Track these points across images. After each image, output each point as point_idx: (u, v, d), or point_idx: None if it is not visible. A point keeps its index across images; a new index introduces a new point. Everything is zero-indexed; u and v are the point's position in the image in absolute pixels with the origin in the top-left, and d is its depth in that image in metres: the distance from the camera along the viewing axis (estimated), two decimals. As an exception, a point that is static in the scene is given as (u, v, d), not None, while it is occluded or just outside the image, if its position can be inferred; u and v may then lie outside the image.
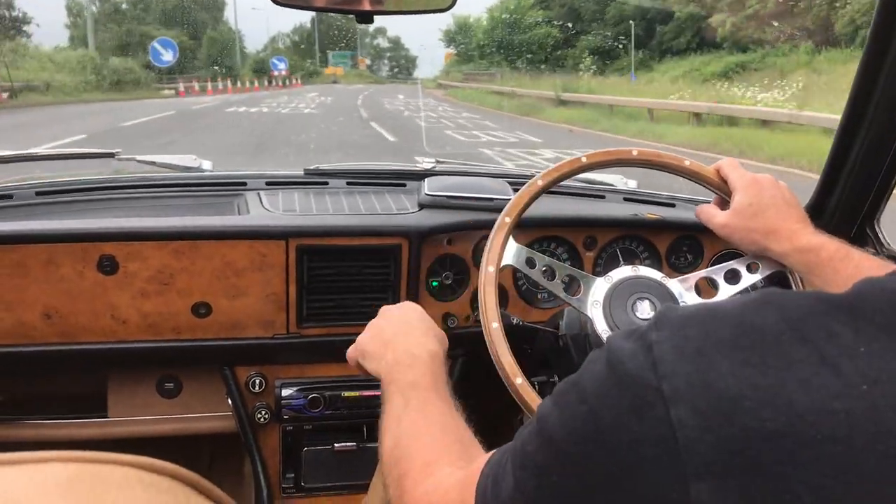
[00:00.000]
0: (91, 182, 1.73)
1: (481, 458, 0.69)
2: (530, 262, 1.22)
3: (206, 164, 1.87)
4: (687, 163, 1.23)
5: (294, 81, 49.42)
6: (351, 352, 1.06)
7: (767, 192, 1.14)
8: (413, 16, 1.36)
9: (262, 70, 49.92)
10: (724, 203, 1.20)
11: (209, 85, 35.55)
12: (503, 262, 1.19)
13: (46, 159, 1.87)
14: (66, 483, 0.39)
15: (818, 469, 0.46)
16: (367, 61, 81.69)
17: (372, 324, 1.07)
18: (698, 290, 1.22)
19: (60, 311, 1.45)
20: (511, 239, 1.21)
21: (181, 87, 33.03)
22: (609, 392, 0.55)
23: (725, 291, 1.21)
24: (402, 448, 0.84)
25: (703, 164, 1.23)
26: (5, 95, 21.71)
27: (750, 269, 1.20)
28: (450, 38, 55.89)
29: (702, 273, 1.23)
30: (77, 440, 1.67)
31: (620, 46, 37.91)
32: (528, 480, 0.60)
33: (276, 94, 34.19)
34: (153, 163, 1.85)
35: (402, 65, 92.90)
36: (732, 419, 0.48)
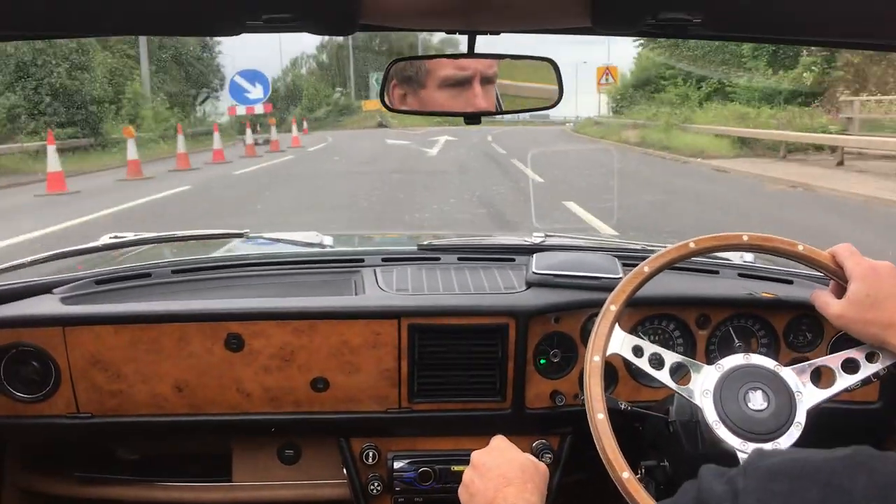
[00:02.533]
0: (222, 259, 1.87)
1: None
2: (637, 351, 1.22)
3: (328, 240, 1.98)
4: (800, 247, 1.21)
5: (301, 130, 25.76)
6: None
7: (887, 282, 1.10)
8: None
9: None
10: (840, 289, 1.17)
11: None
12: (609, 351, 1.20)
13: (183, 240, 2.03)
14: None
15: None
16: (432, 89, 56.98)
17: (469, 480, 1.09)
18: (815, 378, 1.18)
19: (190, 384, 1.56)
20: (617, 326, 1.21)
21: None
22: None
23: (844, 381, 1.17)
24: None
25: (817, 248, 1.21)
26: None
27: (869, 358, 1.16)
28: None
29: (818, 361, 1.20)
30: (203, 502, 1.77)
31: None
32: None
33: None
34: (279, 240, 1.98)
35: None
36: None
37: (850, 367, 1.17)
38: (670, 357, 1.21)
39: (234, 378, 1.56)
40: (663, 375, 1.20)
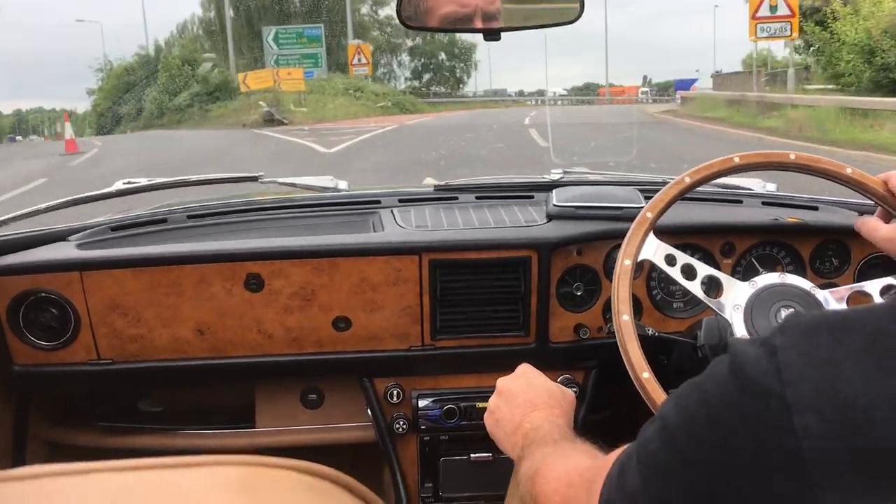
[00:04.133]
0: (237, 204, 1.84)
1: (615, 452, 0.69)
2: (670, 260, 1.20)
3: (343, 184, 1.95)
4: (849, 171, 1.17)
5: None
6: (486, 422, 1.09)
7: None
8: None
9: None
10: (887, 216, 1.14)
11: None
12: (641, 256, 1.18)
13: (197, 184, 2.01)
14: (241, 484, 0.44)
15: None
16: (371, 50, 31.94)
17: (496, 406, 1.07)
18: (850, 303, 1.16)
19: (211, 326, 1.55)
20: (651, 234, 1.19)
21: None
22: (730, 397, 0.53)
23: None
24: (540, 468, 0.86)
25: (866, 173, 1.17)
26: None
27: None
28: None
29: (856, 286, 1.18)
30: (227, 449, 1.77)
31: None
32: (654, 480, 0.59)
33: None
34: (294, 184, 1.95)
35: (445, 70, 44.58)
36: (862, 429, 0.45)
37: (889, 293, 1.15)
38: (703, 269, 1.19)
39: (255, 319, 1.55)
40: (695, 287, 1.18)
